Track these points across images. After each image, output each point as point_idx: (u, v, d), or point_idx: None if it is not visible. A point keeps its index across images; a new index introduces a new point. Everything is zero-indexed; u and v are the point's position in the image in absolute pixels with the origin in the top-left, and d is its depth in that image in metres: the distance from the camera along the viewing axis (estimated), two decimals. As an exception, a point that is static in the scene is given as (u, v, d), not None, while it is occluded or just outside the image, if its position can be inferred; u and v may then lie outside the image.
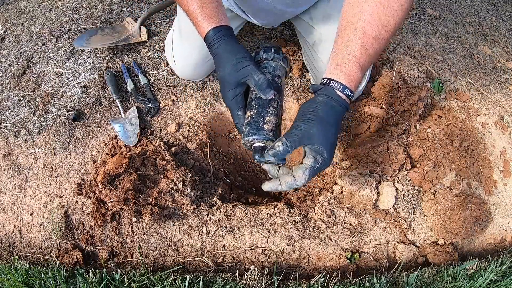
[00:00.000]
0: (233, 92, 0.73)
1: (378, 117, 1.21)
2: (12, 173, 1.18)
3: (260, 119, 0.70)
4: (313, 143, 0.68)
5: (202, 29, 0.75)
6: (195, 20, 0.76)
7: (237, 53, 0.72)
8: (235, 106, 0.75)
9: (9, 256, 1.11)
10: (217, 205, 1.12)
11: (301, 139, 0.67)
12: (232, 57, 0.72)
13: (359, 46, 0.69)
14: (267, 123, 0.70)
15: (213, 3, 0.76)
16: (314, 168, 0.68)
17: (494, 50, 1.63)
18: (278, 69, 0.77)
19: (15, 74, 1.35)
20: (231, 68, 0.71)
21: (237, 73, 0.71)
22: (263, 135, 0.69)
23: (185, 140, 1.21)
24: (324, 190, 1.20)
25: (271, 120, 0.70)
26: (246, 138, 0.71)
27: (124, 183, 1.00)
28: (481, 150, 1.25)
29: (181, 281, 0.94)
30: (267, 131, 0.69)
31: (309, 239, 1.07)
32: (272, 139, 0.70)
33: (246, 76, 0.71)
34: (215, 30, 0.74)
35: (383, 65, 1.39)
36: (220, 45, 0.73)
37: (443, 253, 1.09)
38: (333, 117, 0.69)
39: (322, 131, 0.67)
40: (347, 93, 0.70)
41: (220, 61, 0.74)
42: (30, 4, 1.59)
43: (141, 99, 1.24)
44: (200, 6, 0.74)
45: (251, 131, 0.70)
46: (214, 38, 0.74)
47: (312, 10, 1.17)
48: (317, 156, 0.68)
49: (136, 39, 1.35)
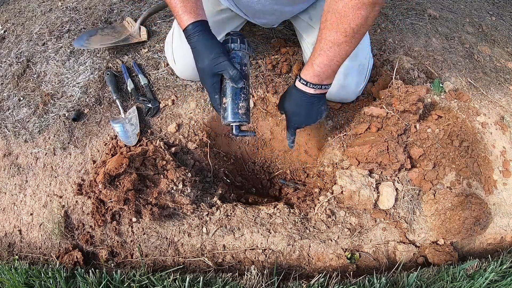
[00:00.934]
0: (211, 80, 0.89)
1: (378, 117, 1.21)
2: (12, 173, 1.18)
3: (235, 105, 0.89)
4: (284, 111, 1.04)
5: (182, 22, 0.86)
6: (176, 14, 0.87)
7: (213, 48, 0.85)
8: (213, 91, 0.91)
9: (9, 256, 1.11)
10: (217, 205, 1.12)
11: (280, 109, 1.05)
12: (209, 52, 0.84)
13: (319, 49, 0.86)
14: (241, 108, 0.90)
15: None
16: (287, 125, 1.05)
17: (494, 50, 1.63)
18: (245, 58, 0.92)
19: (15, 74, 1.35)
20: (209, 62, 0.85)
21: (214, 67, 0.85)
22: (239, 118, 0.90)
23: (185, 140, 1.21)
24: (324, 190, 1.20)
25: (243, 106, 0.90)
26: (226, 121, 0.91)
27: (124, 183, 1.00)
28: (481, 150, 1.25)
29: (181, 281, 0.94)
30: (241, 114, 0.90)
31: (309, 239, 1.07)
32: (246, 120, 0.91)
33: (222, 70, 0.86)
34: (193, 24, 0.85)
35: (383, 65, 1.39)
36: (198, 39, 0.85)
37: (443, 253, 1.09)
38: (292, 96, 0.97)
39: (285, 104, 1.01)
40: (303, 82, 0.93)
41: (198, 54, 0.87)
42: (30, 4, 1.59)
43: (141, 99, 1.24)
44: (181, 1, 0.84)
45: (230, 115, 0.90)
46: (192, 32, 0.85)
47: (311, 10, 1.17)
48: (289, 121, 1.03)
49: (136, 39, 1.35)
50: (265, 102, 1.36)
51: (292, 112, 1.00)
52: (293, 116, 1.01)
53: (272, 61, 1.37)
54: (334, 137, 1.27)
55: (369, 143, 1.14)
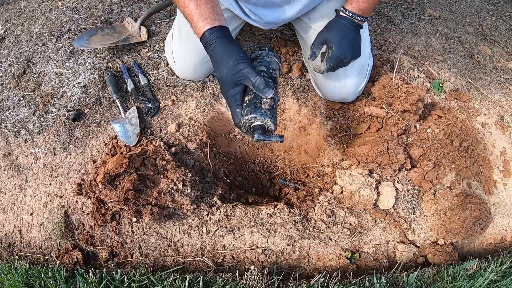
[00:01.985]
0: (233, 91, 0.78)
1: (378, 117, 1.21)
2: (12, 173, 1.18)
3: (258, 100, 0.74)
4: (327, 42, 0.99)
5: (199, 29, 0.78)
6: (191, 21, 0.79)
7: (232, 55, 0.75)
8: (234, 103, 0.79)
9: (9, 256, 1.11)
10: (217, 205, 1.12)
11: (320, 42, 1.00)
12: (228, 59, 0.75)
13: None
14: (265, 103, 0.73)
15: (209, 3, 0.78)
16: (327, 57, 0.99)
17: (494, 50, 1.63)
18: (273, 63, 0.84)
19: (15, 74, 1.35)
20: (228, 71, 0.75)
21: (234, 75, 0.75)
22: (261, 113, 0.72)
23: (185, 140, 1.21)
24: (324, 190, 1.20)
25: (267, 101, 0.73)
26: (245, 118, 0.73)
27: (124, 183, 1.00)
28: (481, 150, 1.25)
29: (181, 281, 0.94)
30: (265, 110, 0.72)
31: (309, 239, 1.07)
32: (270, 117, 0.73)
33: (243, 78, 0.75)
34: (210, 30, 0.76)
35: (383, 65, 1.39)
36: (216, 47, 0.77)
37: (443, 253, 1.09)
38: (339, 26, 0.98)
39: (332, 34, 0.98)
40: (349, 13, 0.97)
41: (217, 63, 0.78)
42: (30, 4, 1.59)
43: (141, 99, 1.24)
44: (196, 7, 0.76)
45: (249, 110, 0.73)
46: (209, 39, 0.77)
47: (311, 11, 1.17)
48: (330, 50, 0.99)
49: (136, 39, 1.35)
50: (265, 102, 1.36)
51: (339, 41, 0.97)
52: (340, 45, 0.97)
53: (272, 61, 1.37)
54: (334, 137, 1.27)
55: (369, 143, 1.14)
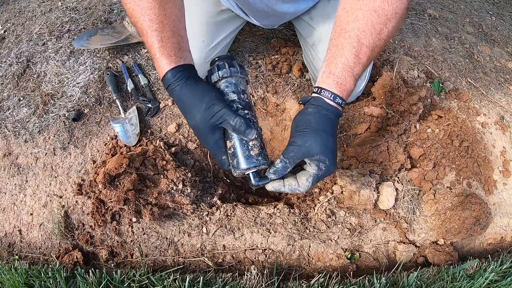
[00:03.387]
0: (213, 138, 0.69)
1: (378, 117, 1.21)
2: (12, 173, 1.18)
3: (245, 147, 0.68)
4: (312, 155, 0.67)
5: (161, 68, 0.68)
6: (153, 56, 0.68)
7: (203, 97, 0.66)
8: (219, 151, 0.71)
9: (9, 256, 1.11)
10: (217, 205, 1.12)
11: (298, 154, 0.67)
12: (199, 102, 0.65)
13: (353, 55, 0.68)
14: (252, 147, 0.68)
15: (175, 37, 0.68)
16: (317, 176, 0.68)
17: (494, 50, 1.63)
18: (240, 84, 0.72)
19: (15, 74, 1.35)
20: (202, 116, 0.65)
21: (210, 120, 0.65)
22: (254, 163, 0.68)
23: (185, 140, 1.21)
24: (324, 190, 1.20)
25: (255, 144, 0.69)
26: (238, 171, 0.69)
27: (124, 183, 1.00)
28: (481, 150, 1.24)
29: (181, 281, 0.94)
30: (256, 157, 0.68)
31: (309, 239, 1.07)
32: (263, 163, 0.69)
33: (220, 122, 0.66)
34: (173, 71, 0.66)
35: (383, 65, 1.39)
36: (181, 89, 0.66)
37: (443, 253, 1.09)
38: (327, 125, 0.68)
39: (319, 141, 0.67)
40: (338, 101, 0.69)
41: (185, 108, 0.68)
42: (30, 4, 1.59)
43: (141, 99, 1.24)
44: (160, 41, 0.66)
45: (240, 162, 0.68)
46: (173, 81, 0.66)
47: (312, 10, 1.17)
48: (320, 164, 0.68)
49: (136, 39, 1.35)
50: (265, 102, 1.36)
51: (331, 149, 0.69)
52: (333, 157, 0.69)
53: (272, 61, 1.37)
54: (334, 137, 1.27)
55: (369, 143, 1.14)
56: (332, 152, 0.68)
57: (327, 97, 0.68)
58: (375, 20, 0.66)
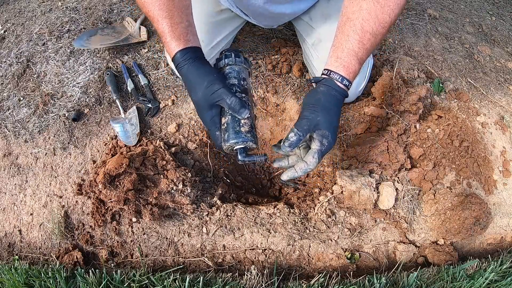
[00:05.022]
0: (210, 114, 0.76)
1: (378, 117, 1.21)
2: (12, 173, 1.18)
3: (236, 123, 0.75)
4: (319, 129, 0.76)
5: (171, 50, 0.76)
6: (164, 40, 0.77)
7: (206, 76, 0.74)
8: (213, 126, 0.78)
9: (9, 256, 1.11)
10: (217, 205, 1.12)
11: (310, 127, 0.75)
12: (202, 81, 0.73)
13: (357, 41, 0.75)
14: (243, 125, 0.75)
15: (183, 23, 0.76)
16: (321, 151, 0.77)
17: (494, 50, 1.63)
18: (242, 72, 0.81)
19: (15, 74, 1.35)
20: (203, 92, 0.73)
21: (209, 97, 0.73)
22: (242, 138, 0.74)
23: (185, 140, 1.21)
24: (324, 190, 1.20)
25: (246, 123, 0.75)
26: (227, 144, 0.75)
27: (124, 183, 1.00)
28: (481, 150, 1.25)
29: (181, 281, 0.94)
30: (245, 133, 0.74)
31: (309, 239, 1.07)
32: (251, 139, 0.76)
33: (218, 99, 0.73)
34: (182, 52, 0.75)
35: (383, 65, 1.39)
36: (188, 68, 0.74)
37: (443, 253, 1.09)
38: (334, 104, 0.77)
39: (326, 117, 0.76)
40: (346, 83, 0.78)
41: (190, 85, 0.76)
42: (30, 4, 1.59)
43: (141, 99, 1.24)
44: (170, 26, 0.74)
45: (230, 136, 0.74)
46: (181, 60, 0.75)
47: (312, 10, 1.17)
48: (323, 140, 0.77)
49: (136, 39, 1.35)
50: (265, 102, 1.36)
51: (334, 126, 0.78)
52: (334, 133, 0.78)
53: (272, 61, 1.37)
54: (334, 137, 1.27)
55: (369, 143, 1.14)
56: (334, 129, 0.78)
57: (336, 79, 0.77)
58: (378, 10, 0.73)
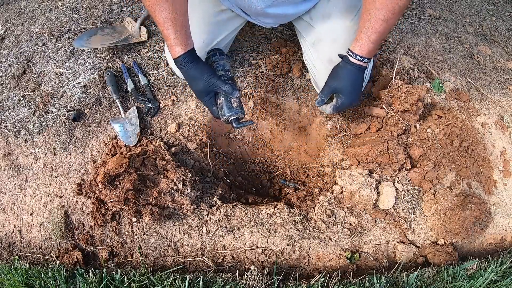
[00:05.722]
0: (208, 97, 1.06)
1: (378, 117, 1.21)
2: (12, 173, 1.18)
3: (229, 101, 1.05)
4: (337, 92, 1.07)
5: (174, 52, 0.99)
6: (168, 43, 0.98)
7: (205, 72, 1.01)
8: (211, 105, 1.08)
9: (9, 256, 1.11)
10: (217, 205, 1.12)
11: (329, 91, 1.08)
12: (201, 76, 1.01)
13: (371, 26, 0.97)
14: (234, 102, 1.05)
15: (183, 29, 0.97)
16: (336, 106, 1.08)
17: (494, 50, 1.63)
18: (226, 65, 1.10)
19: (15, 74, 1.35)
20: (204, 84, 1.02)
21: (209, 87, 1.03)
22: (235, 111, 1.04)
23: (185, 140, 1.21)
24: (324, 190, 1.20)
25: (235, 101, 1.05)
26: (224, 117, 1.05)
27: (124, 183, 1.00)
28: (481, 150, 1.25)
29: (181, 281, 0.94)
30: (235, 108, 1.04)
31: (309, 239, 1.07)
32: (241, 112, 1.05)
33: (216, 87, 1.03)
34: (184, 55, 0.98)
35: (383, 65, 1.39)
36: (190, 68, 1.00)
37: (443, 253, 1.09)
38: (348, 74, 1.04)
39: (341, 84, 1.05)
40: (359, 58, 1.01)
41: (193, 79, 1.03)
42: (30, 4, 1.59)
43: (141, 99, 1.24)
44: (174, 33, 0.95)
45: (226, 110, 1.04)
46: (183, 62, 0.99)
47: (312, 10, 1.17)
48: (338, 99, 1.08)
49: (136, 39, 1.35)
50: (265, 102, 1.36)
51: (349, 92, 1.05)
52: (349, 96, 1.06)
53: (272, 61, 1.37)
54: (334, 137, 1.27)
55: (369, 143, 1.14)
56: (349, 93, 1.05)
57: (352, 57, 1.02)
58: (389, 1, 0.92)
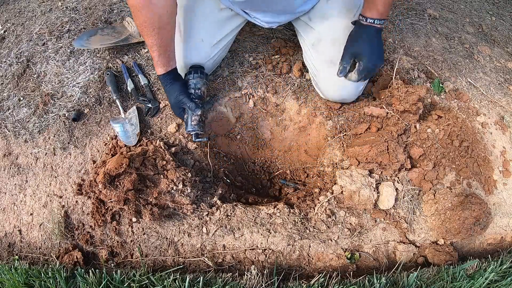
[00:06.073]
0: (179, 111, 1.17)
1: (378, 117, 1.21)
2: (12, 173, 1.18)
3: (191, 118, 1.14)
4: (356, 55, 1.09)
5: (157, 70, 1.12)
6: (154, 62, 1.11)
7: (176, 90, 1.13)
8: (182, 117, 1.19)
9: (9, 256, 1.11)
10: (217, 205, 1.12)
11: (350, 56, 1.10)
12: (174, 93, 1.14)
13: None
14: (193, 120, 1.14)
15: (167, 53, 1.09)
16: (360, 70, 1.09)
17: (494, 50, 1.63)
18: (198, 83, 1.18)
19: (15, 74, 1.35)
20: (174, 100, 1.14)
21: (178, 102, 1.14)
22: (192, 128, 1.14)
23: (185, 140, 1.21)
24: (324, 190, 1.20)
25: (195, 119, 1.14)
26: (185, 131, 1.17)
27: (124, 183, 1.00)
28: (481, 150, 1.25)
29: (181, 281, 0.94)
30: (194, 125, 1.14)
31: (309, 239, 1.07)
32: (198, 130, 1.15)
33: (183, 104, 1.14)
34: (164, 75, 1.12)
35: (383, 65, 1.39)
36: (167, 85, 1.14)
37: (443, 253, 1.09)
38: (365, 36, 1.08)
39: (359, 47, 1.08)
40: (370, 20, 1.06)
41: (168, 94, 1.16)
42: (30, 4, 1.59)
43: (141, 99, 1.24)
44: (158, 56, 1.08)
45: (187, 126, 1.15)
46: (163, 80, 1.13)
47: (311, 11, 1.17)
48: (360, 62, 1.09)
49: (136, 39, 1.35)
50: (265, 102, 1.36)
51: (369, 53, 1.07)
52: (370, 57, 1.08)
53: (272, 61, 1.37)
54: (334, 137, 1.27)
55: (369, 143, 1.14)
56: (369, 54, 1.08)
57: (363, 21, 1.07)
58: None
